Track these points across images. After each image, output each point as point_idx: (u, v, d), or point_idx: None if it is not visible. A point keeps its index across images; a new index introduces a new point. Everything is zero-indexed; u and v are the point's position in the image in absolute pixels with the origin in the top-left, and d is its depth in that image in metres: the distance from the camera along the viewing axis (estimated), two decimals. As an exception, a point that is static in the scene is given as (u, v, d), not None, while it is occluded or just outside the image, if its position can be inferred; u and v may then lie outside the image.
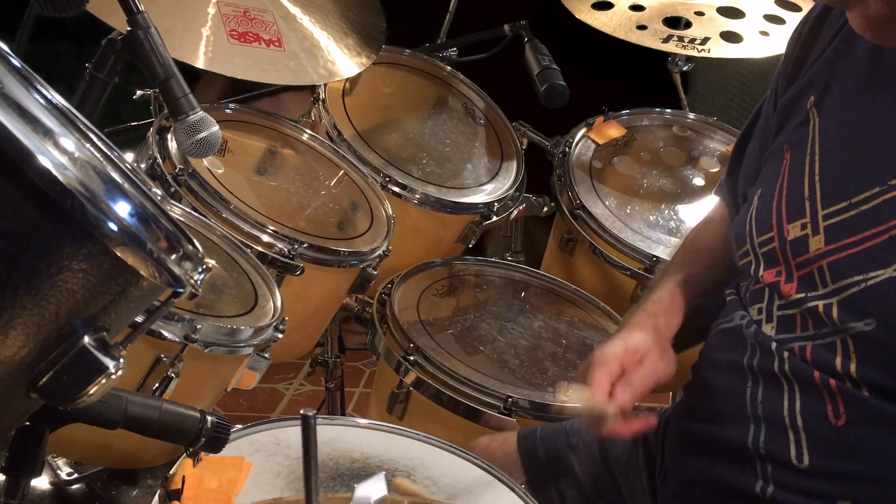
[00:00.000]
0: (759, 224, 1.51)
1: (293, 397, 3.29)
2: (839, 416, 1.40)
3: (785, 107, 1.57)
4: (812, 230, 1.44)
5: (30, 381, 0.88)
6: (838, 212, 1.42)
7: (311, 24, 2.24)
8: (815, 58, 1.54)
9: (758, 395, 1.47)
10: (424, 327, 2.10)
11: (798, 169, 1.48)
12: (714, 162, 2.61)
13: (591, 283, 2.42)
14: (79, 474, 2.27)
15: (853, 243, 1.39)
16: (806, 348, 1.43)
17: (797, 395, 1.44)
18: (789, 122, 1.55)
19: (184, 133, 1.62)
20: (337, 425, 1.61)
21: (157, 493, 1.37)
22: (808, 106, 1.51)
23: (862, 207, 1.40)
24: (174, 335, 1.66)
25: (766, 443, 1.45)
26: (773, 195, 1.50)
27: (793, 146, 1.52)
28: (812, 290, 1.42)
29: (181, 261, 0.91)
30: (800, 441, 1.43)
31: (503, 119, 2.63)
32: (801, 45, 1.58)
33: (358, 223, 2.19)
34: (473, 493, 1.51)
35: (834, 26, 1.53)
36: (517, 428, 1.94)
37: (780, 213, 1.48)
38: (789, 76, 1.59)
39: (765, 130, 1.63)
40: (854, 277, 1.38)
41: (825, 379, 1.41)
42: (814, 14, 1.59)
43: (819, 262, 1.42)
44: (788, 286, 1.45)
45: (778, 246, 1.47)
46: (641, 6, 2.65)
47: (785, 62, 1.62)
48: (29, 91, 0.91)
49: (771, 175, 1.53)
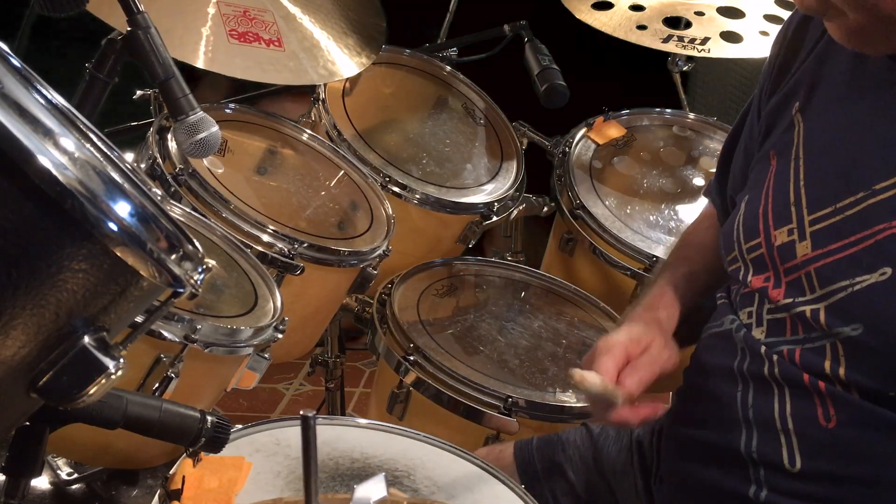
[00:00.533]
0: (747, 230, 1.51)
1: (293, 397, 3.29)
2: (830, 419, 1.40)
3: (770, 112, 1.56)
4: (799, 236, 1.43)
5: (30, 381, 0.88)
6: (824, 217, 1.42)
7: (311, 24, 2.24)
8: (800, 62, 1.54)
9: (748, 398, 1.47)
10: (424, 327, 2.10)
11: (784, 175, 1.48)
12: (714, 162, 2.61)
13: (591, 283, 2.42)
14: (79, 474, 2.28)
15: (839, 248, 1.39)
16: (795, 352, 1.42)
17: (787, 399, 1.43)
18: (775, 128, 1.55)
19: (184, 133, 1.62)
20: (337, 425, 1.61)
21: (157, 493, 1.37)
22: (793, 112, 1.51)
23: (847, 213, 1.39)
24: (174, 335, 1.66)
25: (758, 447, 1.45)
26: (760, 201, 1.50)
27: (778, 152, 1.51)
28: (800, 295, 1.42)
29: (181, 261, 0.91)
30: (791, 444, 1.42)
31: (503, 119, 2.63)
32: (784, 49, 1.58)
33: (358, 223, 2.19)
34: (473, 492, 1.51)
35: (818, 30, 1.52)
36: (517, 428, 1.95)
37: (767, 219, 1.48)
38: (774, 81, 1.58)
39: (750, 136, 1.63)
40: (840, 283, 1.38)
41: (814, 382, 1.40)
42: (797, 18, 1.58)
43: (806, 267, 1.42)
44: (776, 291, 1.45)
45: (766, 252, 1.47)
46: (641, 6, 2.65)
47: (769, 66, 1.61)
48: (29, 91, 0.91)
49: (758, 181, 1.53)
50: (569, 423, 1.97)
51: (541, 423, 1.97)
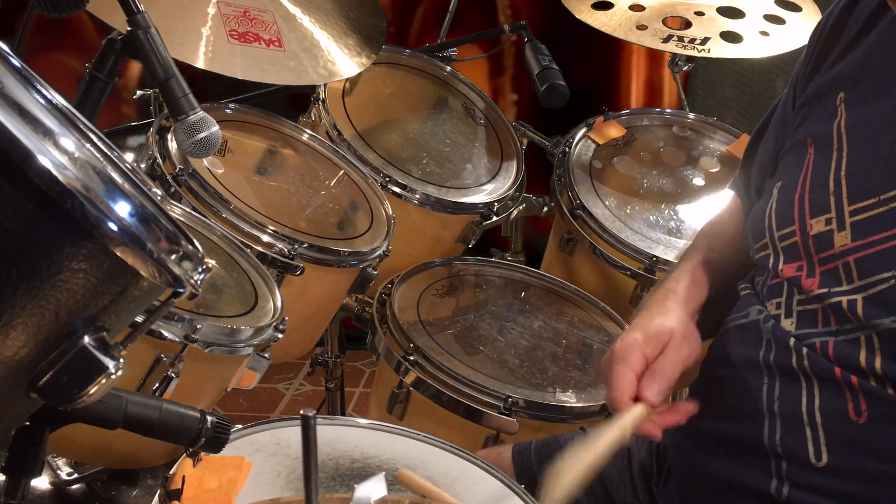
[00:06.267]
0: (780, 217, 1.49)
1: (293, 397, 3.29)
2: (860, 414, 1.37)
3: (808, 101, 1.54)
4: (837, 225, 1.41)
5: (30, 381, 0.88)
6: (866, 208, 1.40)
7: (311, 24, 2.24)
8: (841, 51, 1.52)
9: (774, 391, 1.43)
10: (424, 327, 2.10)
11: (823, 163, 1.46)
12: (714, 162, 2.61)
13: (591, 283, 2.42)
14: (79, 474, 2.28)
15: (882, 240, 1.37)
16: (828, 344, 1.40)
17: (816, 392, 1.40)
18: (813, 116, 1.53)
19: (184, 133, 1.62)
20: (337, 425, 1.61)
21: (157, 493, 1.37)
22: (837, 101, 1.49)
23: (892, 204, 1.37)
24: (174, 335, 1.66)
25: (782, 440, 1.41)
26: (796, 189, 1.48)
27: (817, 140, 1.49)
28: (836, 285, 1.40)
29: (181, 261, 0.91)
30: (818, 439, 1.39)
31: (503, 119, 2.63)
32: (824, 38, 1.56)
33: (358, 223, 2.19)
34: (473, 492, 1.51)
35: (861, 17, 1.51)
36: (517, 428, 1.94)
37: (803, 207, 1.46)
38: (812, 68, 1.56)
39: (783, 124, 1.61)
40: (883, 274, 1.36)
41: (846, 376, 1.38)
42: (839, 7, 1.56)
43: (845, 258, 1.40)
44: (810, 281, 1.43)
45: (800, 240, 1.45)
46: (641, 6, 2.65)
47: (807, 56, 1.59)
48: (29, 91, 0.91)
49: (792, 168, 1.51)
50: (569, 423, 1.97)
51: (541, 424, 1.97)
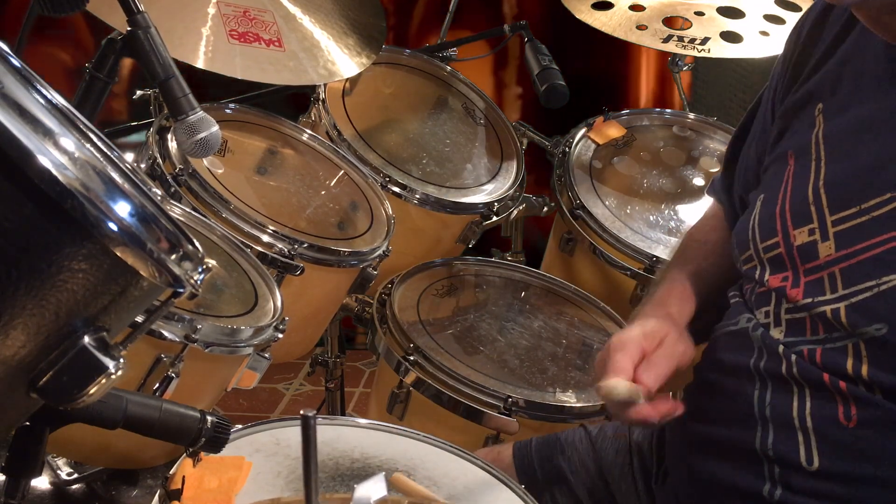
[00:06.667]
0: (763, 229, 1.50)
1: (293, 397, 3.29)
2: (850, 419, 1.39)
3: (787, 112, 1.56)
4: (821, 236, 1.43)
5: (30, 381, 0.88)
6: (848, 217, 1.41)
7: (311, 24, 2.24)
8: (818, 60, 1.53)
9: (766, 397, 1.45)
10: (424, 327, 2.10)
11: (802, 174, 1.48)
12: (714, 162, 2.61)
13: (591, 283, 2.42)
14: (79, 474, 2.28)
15: (865, 248, 1.38)
16: (815, 351, 1.41)
17: (807, 398, 1.42)
18: (792, 128, 1.54)
19: (184, 133, 1.62)
20: (337, 425, 1.61)
21: (157, 493, 1.37)
22: (815, 112, 1.50)
23: (873, 213, 1.39)
24: (174, 335, 1.66)
25: (774, 444, 1.43)
26: (777, 201, 1.49)
27: (797, 152, 1.50)
28: (819, 294, 1.41)
29: (181, 261, 0.91)
30: (809, 443, 1.41)
31: (503, 119, 2.63)
32: (801, 46, 1.57)
33: (358, 223, 2.19)
34: (473, 492, 1.51)
35: (835, 26, 1.52)
36: (517, 428, 1.94)
37: (785, 219, 1.47)
38: (790, 80, 1.57)
39: (762, 135, 1.62)
40: (866, 283, 1.37)
41: (835, 381, 1.39)
42: (813, 14, 1.57)
43: (830, 268, 1.41)
44: (795, 291, 1.44)
45: (784, 251, 1.47)
46: (641, 6, 2.65)
47: (784, 64, 1.60)
48: (29, 91, 0.91)
49: (774, 181, 1.52)
50: (569, 423, 1.97)
51: (541, 423, 1.97)
